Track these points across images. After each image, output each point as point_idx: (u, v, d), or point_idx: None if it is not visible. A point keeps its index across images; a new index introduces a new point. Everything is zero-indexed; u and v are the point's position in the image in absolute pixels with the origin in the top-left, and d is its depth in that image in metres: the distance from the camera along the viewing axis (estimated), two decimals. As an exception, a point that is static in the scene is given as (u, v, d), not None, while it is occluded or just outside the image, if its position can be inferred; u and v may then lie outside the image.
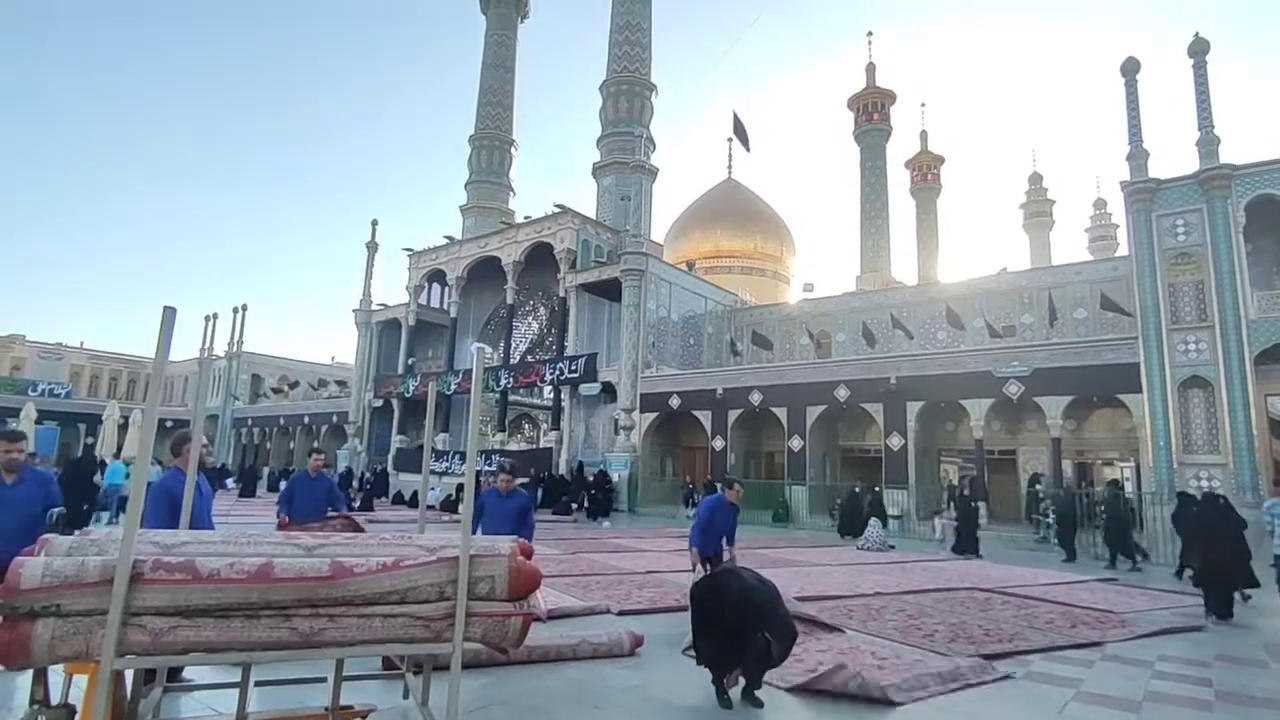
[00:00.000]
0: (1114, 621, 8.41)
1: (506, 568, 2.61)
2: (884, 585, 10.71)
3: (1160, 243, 19.05)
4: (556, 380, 31.04)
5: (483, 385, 34.26)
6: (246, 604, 2.29)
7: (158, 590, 2.23)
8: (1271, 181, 18.11)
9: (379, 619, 2.39)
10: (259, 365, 54.96)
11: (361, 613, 2.38)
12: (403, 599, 2.44)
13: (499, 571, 2.59)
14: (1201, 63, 19.37)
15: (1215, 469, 17.26)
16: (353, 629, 2.37)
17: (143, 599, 2.23)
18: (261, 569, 2.32)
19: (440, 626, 2.45)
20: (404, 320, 39.73)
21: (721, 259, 47.16)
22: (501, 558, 2.64)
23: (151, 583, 2.23)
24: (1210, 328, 17.90)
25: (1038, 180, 74.22)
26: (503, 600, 2.59)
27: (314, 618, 2.34)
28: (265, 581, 2.30)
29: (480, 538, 2.75)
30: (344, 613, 2.36)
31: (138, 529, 2.26)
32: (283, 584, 2.31)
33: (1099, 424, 22.57)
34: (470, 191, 46.23)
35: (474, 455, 2.82)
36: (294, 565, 2.36)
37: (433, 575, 2.49)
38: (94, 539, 2.41)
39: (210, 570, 2.29)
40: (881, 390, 22.98)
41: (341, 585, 2.36)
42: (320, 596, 2.35)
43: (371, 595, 2.39)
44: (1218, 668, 6.45)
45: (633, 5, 39.50)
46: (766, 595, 4.93)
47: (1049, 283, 26.68)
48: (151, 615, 2.22)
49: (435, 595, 2.47)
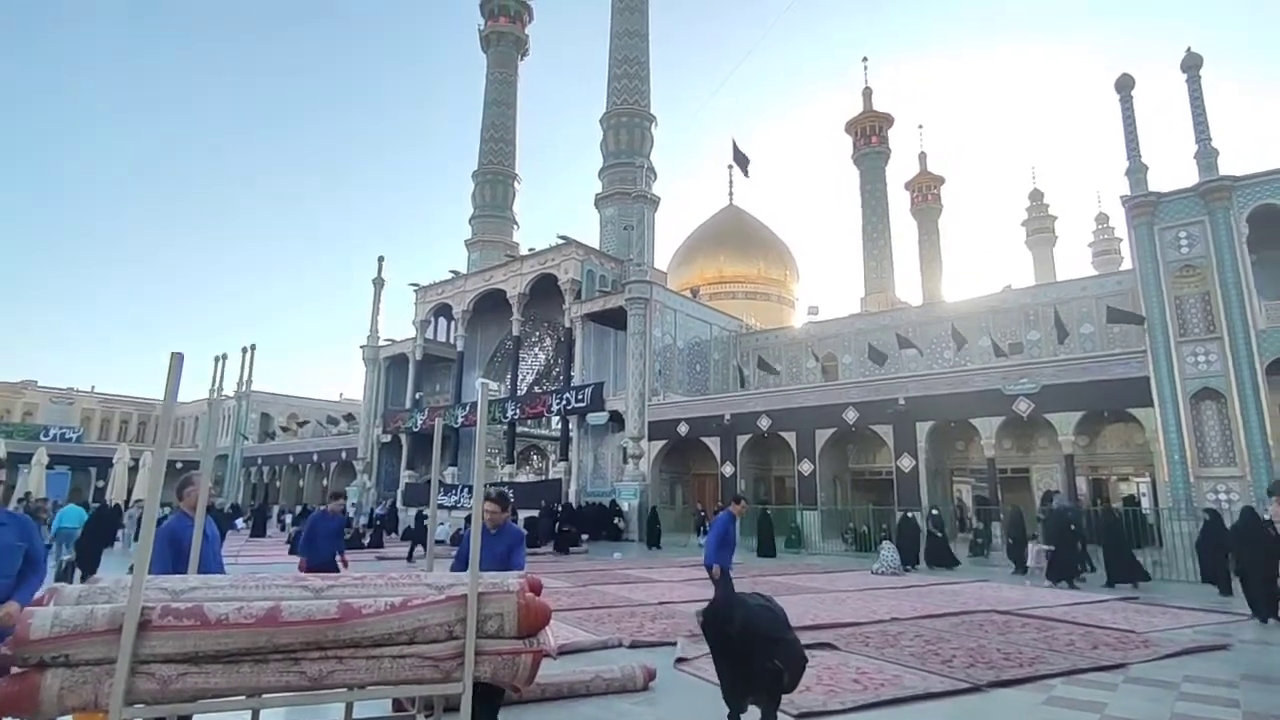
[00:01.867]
0: (1136, 642, 8.25)
1: (515, 604, 2.60)
2: (899, 610, 10.56)
3: (1164, 255, 19.05)
4: (564, 410, 31.05)
5: (490, 417, 34.24)
6: (255, 648, 2.27)
7: (166, 637, 2.22)
8: (1273, 191, 18.14)
9: (388, 660, 2.38)
10: (268, 404, 55.24)
11: (370, 654, 2.36)
12: (411, 639, 2.42)
13: (508, 609, 2.58)
14: (1195, 77, 19.56)
15: (1233, 482, 17.04)
16: (361, 671, 2.36)
17: (151, 646, 2.22)
18: (269, 613, 2.31)
19: (449, 666, 2.43)
20: (411, 355, 39.95)
21: (725, 285, 47.38)
22: (510, 594, 2.63)
23: (160, 629, 2.22)
24: (1219, 339, 17.81)
25: (1038, 197, 74.50)
26: (512, 638, 2.57)
27: (323, 660, 2.33)
28: (273, 625, 2.30)
29: (488, 575, 2.74)
30: (352, 654, 2.35)
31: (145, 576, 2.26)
32: (291, 627, 2.30)
33: (1112, 439, 22.36)
34: (474, 226, 46.78)
35: (481, 491, 2.82)
36: (302, 608, 2.35)
37: (441, 615, 2.47)
38: (103, 586, 2.41)
39: (218, 615, 2.28)
40: (890, 411, 22.88)
41: (350, 627, 2.35)
42: (329, 639, 2.33)
43: (380, 636, 2.38)
44: (1245, 687, 6.30)
45: (631, 40, 40.30)
46: (774, 621, 4.85)
47: (1054, 298, 26.65)
48: (160, 663, 2.21)
49: (444, 635, 2.45)
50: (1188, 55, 19.66)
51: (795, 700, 5.54)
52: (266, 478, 50.88)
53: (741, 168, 43.58)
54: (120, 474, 30.87)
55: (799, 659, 4.77)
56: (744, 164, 43.20)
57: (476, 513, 2.79)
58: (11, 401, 57.73)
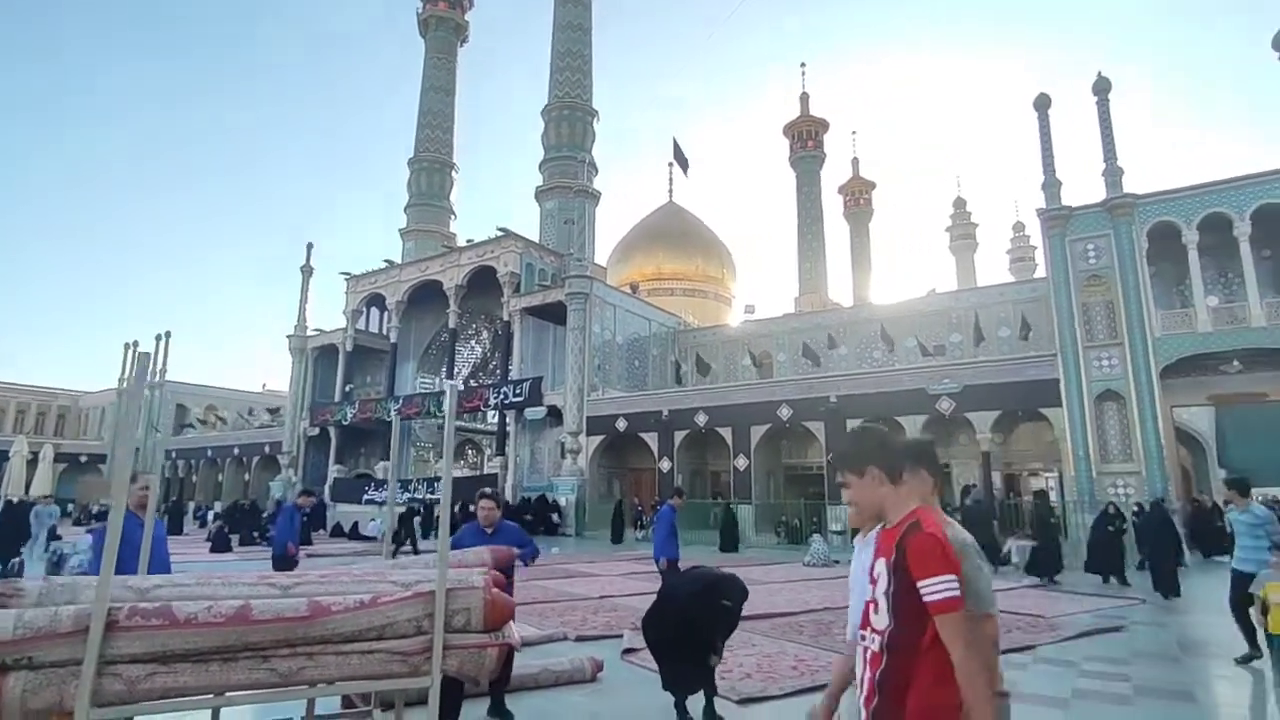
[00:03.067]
0: (1044, 626, 8.90)
1: (482, 600, 2.67)
2: (831, 600, 11.01)
3: (1074, 265, 20.36)
4: (501, 405, 30.76)
5: (424, 411, 33.65)
6: (225, 647, 2.28)
7: (134, 637, 2.20)
8: (1169, 210, 19.64)
9: (357, 656, 2.42)
10: (184, 395, 52.56)
11: (340, 650, 2.40)
12: (380, 635, 2.47)
13: (475, 604, 2.65)
14: (1105, 100, 20.93)
15: (1130, 477, 18.42)
16: (331, 667, 2.39)
17: (118, 647, 2.20)
18: (239, 611, 2.32)
19: (417, 661, 2.49)
20: (342, 346, 38.73)
21: (664, 281, 47.80)
22: (477, 590, 2.71)
23: (127, 630, 2.20)
24: (1120, 344, 19.20)
25: (962, 205, 77.97)
26: (478, 632, 2.65)
27: (292, 657, 2.35)
28: (244, 624, 2.31)
29: (453, 571, 2.80)
30: (322, 651, 2.38)
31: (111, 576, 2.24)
32: (261, 625, 2.32)
33: (1024, 437, 23.76)
34: (410, 214, 45.72)
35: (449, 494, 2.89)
36: (272, 606, 2.37)
37: (410, 611, 2.53)
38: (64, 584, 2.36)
39: (188, 615, 2.28)
40: (822, 409, 23.65)
41: (320, 624, 2.38)
42: (299, 636, 2.36)
43: (350, 633, 2.42)
44: (1136, 665, 6.92)
45: (574, 33, 40.10)
46: (705, 609, 4.99)
47: (974, 303, 28.07)
48: (127, 663, 2.19)
49: (412, 630, 2.51)
50: (1098, 79, 21.01)
51: (736, 687, 5.79)
52: (182, 472, 48.44)
53: (682, 166, 44.15)
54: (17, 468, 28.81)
55: (741, 592, 5.11)
56: (684, 163, 43.75)
57: (445, 507, 2.85)
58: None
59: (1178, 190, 19.77)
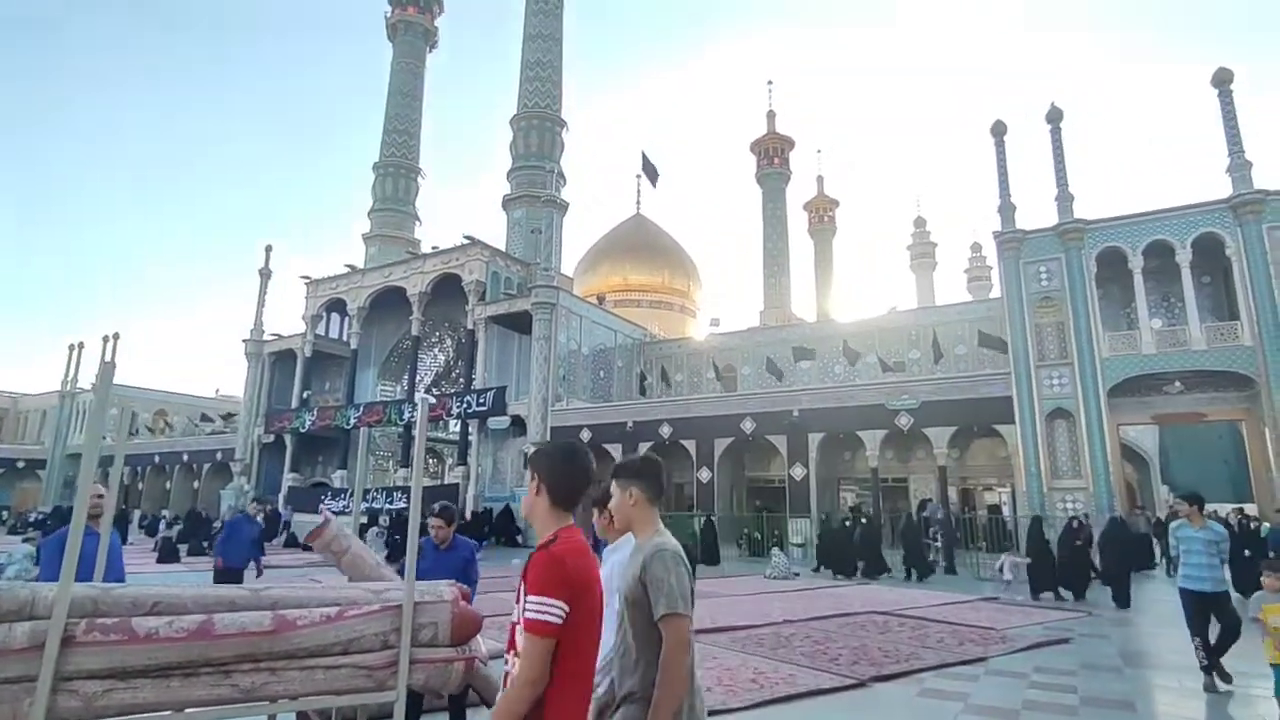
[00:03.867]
0: (995, 638, 9.14)
1: (449, 614, 2.67)
2: (791, 612, 11.15)
3: (1027, 287, 21.05)
4: (464, 414, 30.41)
5: (385, 419, 33.09)
6: (186, 662, 2.24)
7: (91, 653, 2.15)
8: (1116, 235, 20.45)
9: (322, 671, 2.39)
10: (132, 399, 50.70)
11: (304, 665, 2.37)
12: (346, 649, 2.45)
13: (442, 618, 2.65)
14: (1057, 128, 21.75)
15: (1079, 492, 19.03)
16: (295, 682, 2.36)
17: (75, 663, 2.14)
18: (202, 626, 2.28)
19: (383, 675, 2.48)
20: (300, 351, 37.93)
21: (630, 293, 47.96)
22: (444, 604, 2.70)
23: (84, 645, 2.15)
24: (1070, 364, 19.88)
25: (922, 224, 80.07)
26: (445, 646, 2.65)
27: (255, 672, 2.32)
28: (206, 639, 2.27)
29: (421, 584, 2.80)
30: (286, 666, 2.35)
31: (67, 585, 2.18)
32: (224, 640, 2.28)
33: (979, 452, 24.38)
34: (374, 219, 45.12)
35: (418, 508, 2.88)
36: (235, 620, 2.33)
37: (377, 624, 2.51)
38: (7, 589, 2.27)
39: (148, 630, 2.23)
40: (785, 423, 23.96)
41: (285, 639, 2.35)
42: (263, 651, 2.33)
43: (315, 648, 2.40)
44: (1082, 675, 7.17)
45: (543, 43, 40.18)
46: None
47: (933, 321, 28.78)
48: (84, 679, 2.13)
49: (379, 644, 2.49)
50: (1051, 109, 21.83)
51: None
52: (128, 479, 46.69)
53: (650, 179, 44.36)
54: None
55: None
56: (653, 175, 43.98)
57: (413, 521, 2.84)
58: None
59: (1124, 217, 20.61)
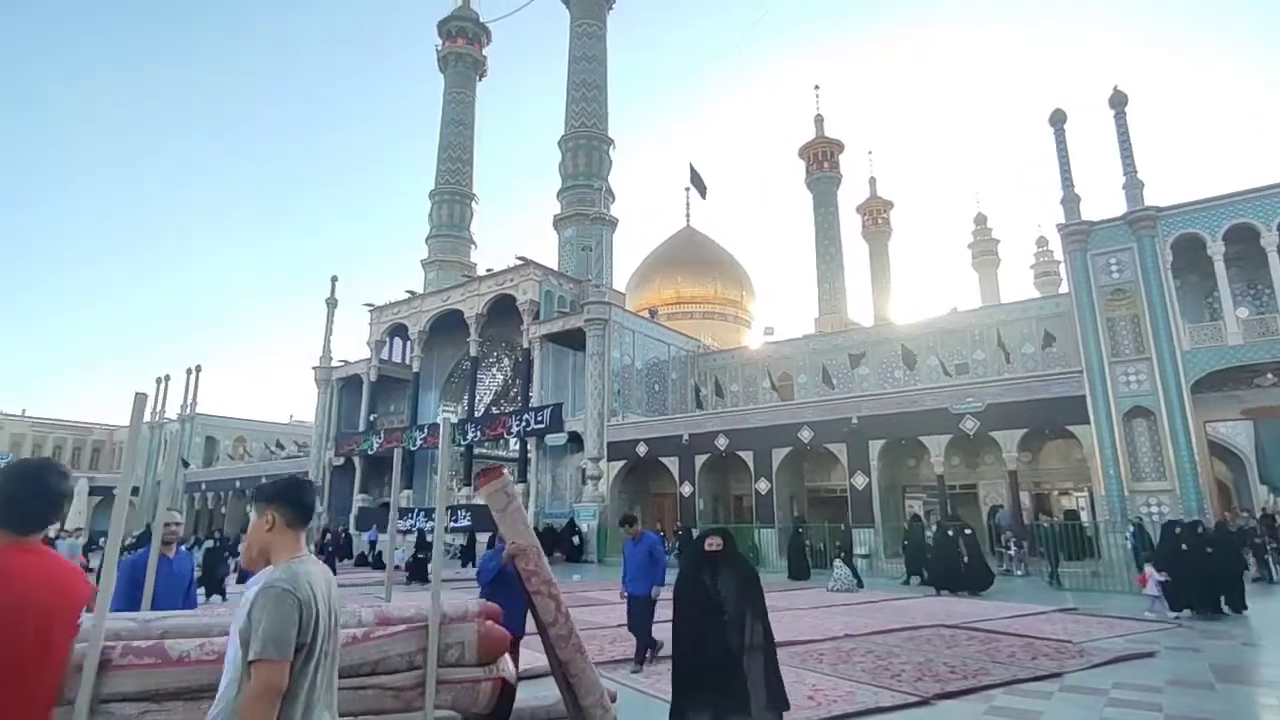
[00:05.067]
0: (1072, 652, 8.62)
1: (475, 633, 2.68)
2: (853, 627, 10.80)
3: (1096, 280, 20.06)
4: (523, 432, 30.87)
5: (449, 440, 33.85)
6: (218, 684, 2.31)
7: (127, 676, 2.24)
8: (1193, 221, 19.31)
9: (349, 691, 2.42)
10: (214, 427, 53.47)
11: (332, 687, 2.41)
12: (373, 670, 2.48)
13: (468, 637, 2.66)
14: (1122, 114, 20.76)
15: (1164, 495, 17.91)
16: (323, 703, 2.41)
17: (112, 685, 2.24)
18: (232, 648, 2.35)
19: (410, 696, 2.50)
20: (365, 376, 39.27)
21: (683, 305, 47.91)
22: (470, 623, 2.71)
23: (121, 668, 2.24)
24: (1148, 359, 18.79)
25: (983, 221, 77.45)
26: (472, 665, 2.65)
27: (284, 694, 2.37)
28: (236, 661, 2.33)
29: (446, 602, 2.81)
30: (314, 687, 2.40)
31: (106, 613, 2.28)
32: (253, 662, 2.34)
33: (1052, 455, 23.27)
34: (431, 246, 46.45)
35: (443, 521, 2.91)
36: (264, 643, 2.39)
37: (402, 645, 2.54)
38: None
39: (180, 653, 2.31)
40: (844, 430, 23.41)
41: (312, 660, 2.40)
42: (291, 672, 2.38)
43: (343, 668, 2.43)
44: (1169, 692, 6.67)
45: (589, 64, 40.85)
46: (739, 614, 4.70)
47: (997, 320, 27.72)
48: (120, 701, 2.23)
49: (405, 665, 2.51)
50: (1114, 94, 20.86)
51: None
52: (211, 504, 49.10)
53: (699, 190, 44.31)
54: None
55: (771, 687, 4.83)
56: (702, 187, 43.95)
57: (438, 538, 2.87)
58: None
59: (1201, 201, 19.47)
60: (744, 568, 5.09)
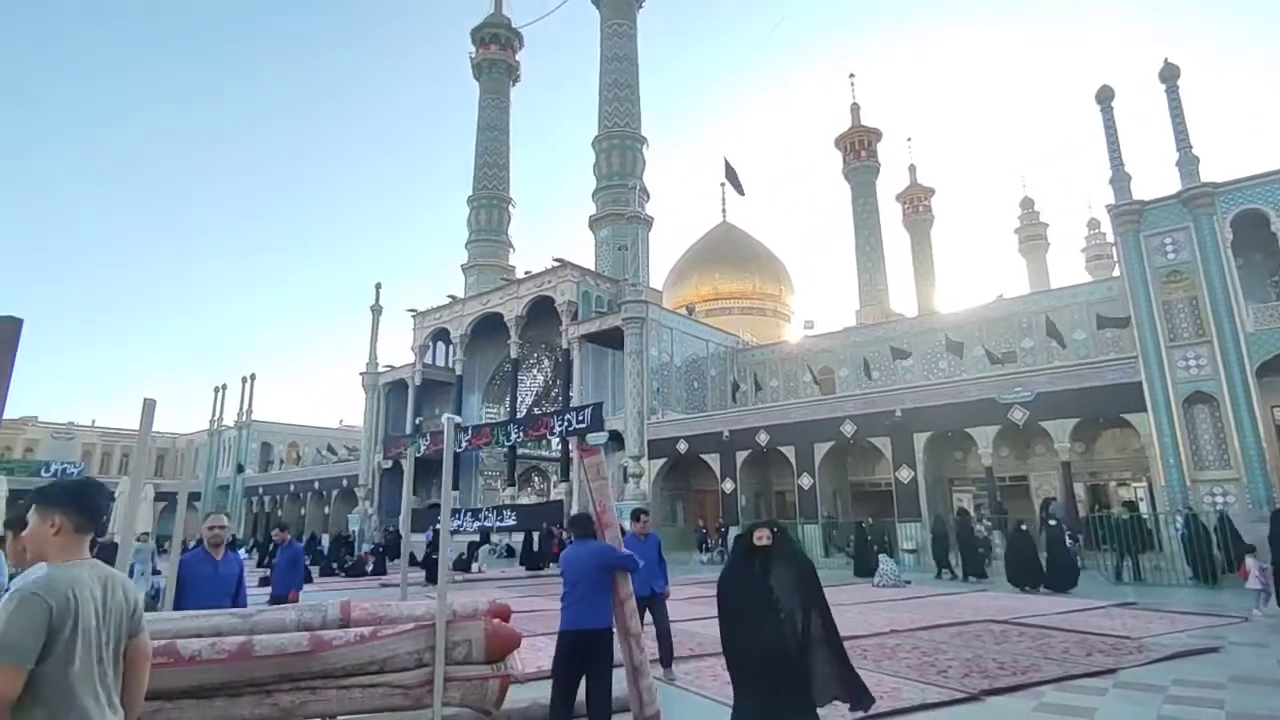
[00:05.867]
0: (1130, 648, 8.27)
1: (483, 630, 2.68)
2: (898, 622, 10.57)
3: (1151, 262, 19.20)
4: (565, 432, 31.08)
5: (493, 440, 34.31)
6: (229, 683, 2.36)
7: (140, 674, 2.30)
8: (1254, 196, 18.31)
9: (359, 689, 2.45)
10: (268, 433, 55.24)
11: (342, 684, 2.44)
12: (381, 668, 2.50)
13: (475, 635, 2.66)
14: (1174, 87, 19.81)
15: (1229, 484, 17.04)
16: (333, 701, 2.44)
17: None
18: (242, 648, 2.39)
19: (419, 693, 2.51)
20: (410, 380, 40.09)
21: (720, 301, 47.59)
22: (477, 621, 2.71)
23: (134, 667, 2.30)
24: (1208, 343, 17.90)
25: (1029, 204, 75.01)
26: (480, 663, 2.65)
27: (295, 691, 2.40)
28: (246, 660, 2.37)
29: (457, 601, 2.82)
30: (324, 685, 2.43)
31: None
32: (264, 661, 2.38)
33: (1108, 445, 22.38)
34: (471, 250, 47.11)
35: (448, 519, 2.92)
36: (273, 642, 2.43)
37: (410, 643, 2.56)
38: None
39: (191, 652, 2.36)
40: (887, 423, 22.93)
41: (321, 659, 2.43)
42: (301, 671, 2.41)
43: (351, 667, 2.46)
44: (1232, 689, 6.33)
45: (621, 64, 40.90)
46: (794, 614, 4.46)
47: (1046, 306, 26.80)
48: (134, 699, 2.29)
49: (413, 663, 2.53)
50: (1165, 66, 19.93)
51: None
52: (268, 507, 50.78)
53: (735, 186, 44.03)
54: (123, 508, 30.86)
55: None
56: (737, 183, 43.63)
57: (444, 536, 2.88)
58: (13, 438, 57.79)
59: (1263, 175, 18.40)
60: (799, 560, 4.90)
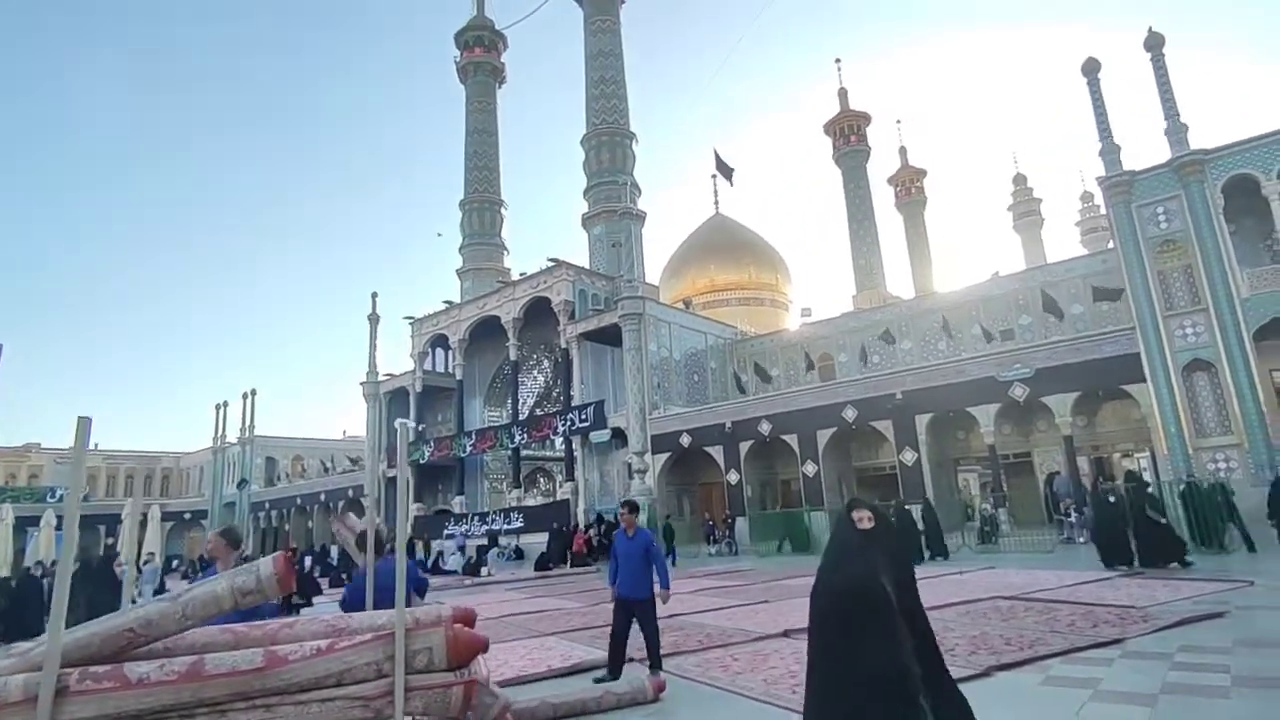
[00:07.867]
0: (1135, 617, 8.20)
1: (443, 637, 2.62)
2: (902, 605, 10.50)
3: (1144, 232, 19.10)
4: (568, 431, 31.09)
5: (497, 443, 34.34)
6: (179, 705, 2.30)
7: (85, 701, 2.24)
8: (1245, 161, 18.20)
9: (316, 704, 2.39)
10: (272, 448, 55.31)
11: (298, 700, 2.38)
12: (339, 681, 2.44)
13: (435, 642, 2.59)
14: (1159, 56, 19.68)
15: (1231, 450, 16.97)
16: (291, 717, 2.38)
17: (70, 712, 2.23)
18: (192, 668, 2.33)
19: (380, 704, 2.45)
20: (411, 388, 40.09)
21: (718, 293, 47.52)
22: (438, 628, 2.65)
23: (79, 695, 2.24)
24: (1205, 310, 17.81)
25: (1022, 181, 74.71)
26: (442, 670, 2.59)
27: (249, 710, 2.34)
28: (197, 680, 2.31)
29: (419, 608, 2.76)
30: (280, 701, 2.37)
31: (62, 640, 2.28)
32: (216, 680, 2.32)
33: (1110, 417, 22.29)
34: (465, 254, 47.09)
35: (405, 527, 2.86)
36: (226, 660, 2.37)
37: (369, 654, 2.49)
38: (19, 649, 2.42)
39: (140, 675, 2.30)
40: (888, 407, 22.86)
41: (276, 675, 2.37)
42: (255, 689, 2.36)
43: (307, 681, 2.40)
44: (1238, 653, 6.25)
45: (606, 60, 40.77)
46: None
47: (1041, 282, 26.69)
48: (78, 728, 2.23)
49: (373, 674, 2.47)
50: (1150, 35, 19.78)
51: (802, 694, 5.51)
52: (275, 521, 50.85)
53: (725, 176, 43.94)
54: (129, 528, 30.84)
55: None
56: (728, 173, 43.52)
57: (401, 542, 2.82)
58: (17, 465, 57.94)
59: (1253, 139, 18.31)
60: (899, 544, 3.69)
